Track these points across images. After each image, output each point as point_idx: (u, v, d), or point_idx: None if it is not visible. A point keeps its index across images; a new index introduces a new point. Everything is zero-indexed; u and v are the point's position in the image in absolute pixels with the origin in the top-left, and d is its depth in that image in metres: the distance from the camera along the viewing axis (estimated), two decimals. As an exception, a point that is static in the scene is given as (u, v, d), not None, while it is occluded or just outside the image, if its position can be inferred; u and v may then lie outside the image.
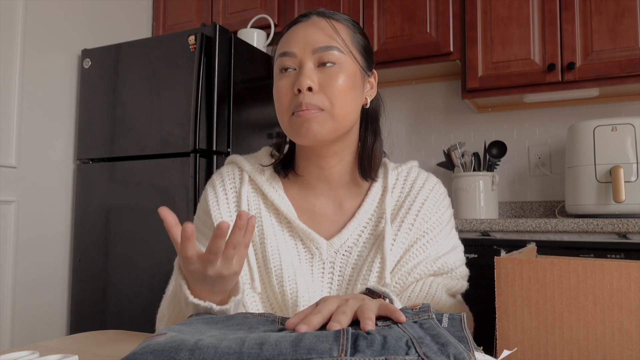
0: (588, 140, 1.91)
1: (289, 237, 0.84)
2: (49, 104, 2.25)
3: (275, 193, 0.85)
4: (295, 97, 0.76)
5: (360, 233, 0.83)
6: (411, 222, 0.82)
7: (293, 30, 0.81)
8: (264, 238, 0.82)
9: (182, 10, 2.71)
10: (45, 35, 2.23)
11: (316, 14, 0.81)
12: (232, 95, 2.08)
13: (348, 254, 0.82)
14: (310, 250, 0.82)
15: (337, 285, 0.81)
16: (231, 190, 0.86)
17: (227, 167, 0.90)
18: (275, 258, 0.81)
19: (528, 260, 0.55)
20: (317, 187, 0.86)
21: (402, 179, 0.87)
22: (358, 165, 0.86)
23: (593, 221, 1.68)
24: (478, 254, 1.78)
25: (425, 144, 2.59)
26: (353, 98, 0.80)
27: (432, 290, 0.78)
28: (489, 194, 2.19)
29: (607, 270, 0.51)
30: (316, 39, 0.78)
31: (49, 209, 2.24)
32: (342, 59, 0.78)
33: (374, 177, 0.86)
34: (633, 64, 1.91)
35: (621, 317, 0.51)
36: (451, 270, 0.82)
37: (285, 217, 0.84)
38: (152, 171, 2.10)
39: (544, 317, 0.54)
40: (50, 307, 2.23)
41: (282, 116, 0.79)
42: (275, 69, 0.82)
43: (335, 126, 0.78)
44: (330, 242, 0.82)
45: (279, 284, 0.79)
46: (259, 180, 0.86)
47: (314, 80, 0.76)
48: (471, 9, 2.17)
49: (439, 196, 0.87)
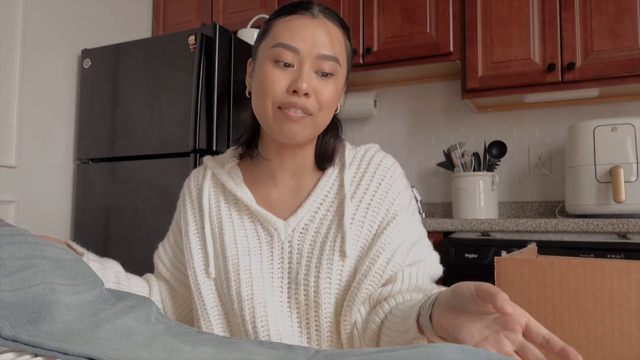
0: (588, 140, 1.91)
1: (249, 223, 0.87)
2: (49, 104, 2.25)
3: (234, 183, 0.89)
4: (287, 95, 0.76)
5: (317, 210, 0.85)
6: (368, 201, 0.83)
7: (300, 22, 0.79)
8: (222, 229, 0.86)
9: (182, 10, 2.71)
10: (45, 35, 2.23)
11: (322, 12, 0.80)
12: (232, 95, 2.08)
13: (305, 232, 0.84)
14: (269, 232, 0.85)
15: (296, 263, 0.82)
16: (195, 187, 0.93)
17: (196, 168, 0.98)
18: (232, 248, 0.84)
19: (528, 260, 0.55)
20: (278, 176, 0.88)
21: (360, 157, 0.89)
22: (316, 157, 0.88)
23: (593, 221, 1.68)
24: (478, 254, 1.78)
25: (425, 144, 2.59)
26: (334, 106, 0.83)
27: (419, 283, 0.78)
28: (489, 194, 2.19)
29: (607, 270, 0.51)
30: (322, 44, 0.78)
31: (49, 209, 2.24)
32: (337, 70, 0.79)
33: (330, 165, 0.88)
34: (633, 64, 1.91)
35: (621, 317, 0.51)
36: (424, 258, 0.83)
37: (244, 204, 0.87)
38: (152, 171, 2.10)
39: (544, 317, 0.54)
40: (50, 307, 2.23)
41: (266, 106, 0.78)
42: (267, 54, 0.79)
43: (314, 131, 0.81)
44: (287, 221, 0.84)
45: (234, 272, 0.83)
46: (219, 173, 0.91)
47: (312, 86, 0.77)
48: (471, 9, 2.17)
49: (396, 176, 0.87)
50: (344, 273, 0.80)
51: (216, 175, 0.92)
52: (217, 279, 0.85)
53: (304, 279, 0.81)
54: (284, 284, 0.83)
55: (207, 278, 0.86)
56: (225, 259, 0.84)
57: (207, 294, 0.85)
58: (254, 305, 0.81)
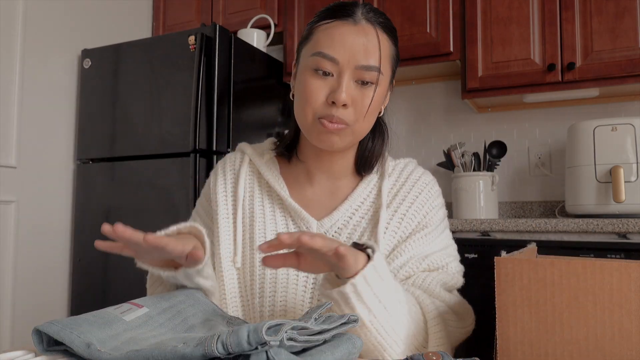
0: (588, 140, 1.91)
1: (280, 214, 0.85)
2: (49, 104, 2.25)
3: (271, 173, 0.88)
4: (326, 105, 0.76)
5: (352, 215, 0.84)
6: (404, 212, 0.83)
7: (340, 31, 0.76)
8: (253, 219, 0.85)
9: (182, 10, 2.71)
10: (45, 35, 2.23)
11: (365, 17, 0.77)
12: (232, 95, 2.08)
13: (338, 235, 0.83)
14: (301, 229, 0.84)
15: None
16: (230, 172, 0.90)
17: (232, 153, 0.95)
18: (261, 240, 0.83)
19: (528, 260, 0.55)
20: (315, 177, 0.87)
21: (399, 169, 0.89)
22: (356, 161, 0.87)
23: (593, 221, 1.68)
24: (478, 254, 1.78)
25: (425, 144, 2.59)
26: (376, 114, 0.81)
27: (425, 284, 0.78)
28: (489, 194, 2.19)
29: (607, 270, 0.51)
30: (362, 54, 0.75)
31: (49, 209, 2.24)
32: (379, 79, 0.77)
33: (370, 172, 0.87)
34: (633, 64, 1.91)
35: (621, 317, 0.51)
36: (442, 266, 0.82)
37: (277, 195, 0.86)
38: (152, 171, 2.10)
39: (544, 317, 0.54)
40: (50, 307, 2.23)
41: (306, 116, 0.78)
42: (308, 62, 0.78)
43: (354, 140, 0.81)
44: (321, 222, 0.83)
45: (260, 266, 0.81)
46: (257, 162, 0.90)
47: (350, 96, 0.76)
48: (471, 9, 2.17)
49: (433, 193, 0.88)
50: None
51: (254, 163, 0.90)
52: (241, 270, 0.84)
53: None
54: (309, 284, 0.82)
55: (233, 267, 0.84)
56: (252, 251, 0.83)
57: (229, 283, 0.83)
58: (275, 302, 0.80)
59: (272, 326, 0.48)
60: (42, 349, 0.55)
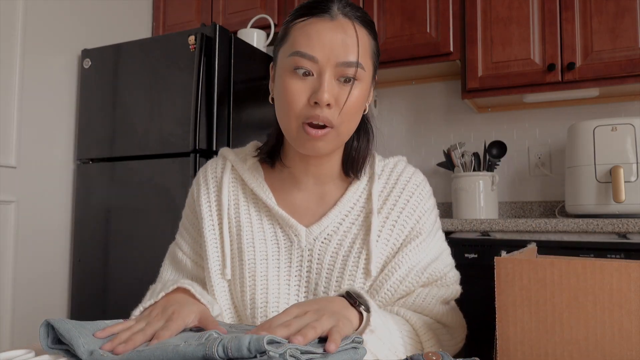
0: (588, 140, 1.91)
1: (268, 222, 0.83)
2: (49, 104, 2.25)
3: (255, 181, 0.84)
4: (309, 107, 0.72)
5: (341, 221, 0.82)
6: (395, 218, 0.81)
7: (317, 28, 0.73)
8: (240, 229, 0.82)
9: (182, 10, 2.71)
10: (45, 35, 2.23)
11: (342, 12, 0.74)
12: (232, 95, 2.08)
13: (327, 242, 0.81)
14: (289, 237, 0.81)
15: (316, 274, 0.80)
16: (212, 180, 0.87)
17: (214, 159, 0.91)
18: (250, 251, 0.81)
19: (528, 260, 0.55)
20: (302, 182, 0.84)
21: (389, 169, 0.86)
22: (343, 163, 0.85)
23: (593, 221, 1.68)
24: (478, 254, 1.78)
25: (425, 144, 2.59)
26: (360, 112, 0.78)
27: (425, 303, 0.77)
28: (489, 194, 2.19)
29: (607, 270, 0.51)
30: (342, 50, 0.72)
31: (49, 209, 2.24)
32: (361, 74, 0.74)
33: (359, 175, 0.84)
34: (633, 64, 1.91)
35: (621, 317, 0.51)
36: (441, 277, 0.81)
37: (264, 204, 0.83)
38: (152, 171, 2.10)
39: (544, 317, 0.54)
40: (50, 307, 2.23)
41: (290, 122, 0.74)
42: (286, 62, 0.75)
43: (340, 142, 0.78)
44: (310, 229, 0.81)
45: (250, 277, 0.80)
46: (240, 168, 0.86)
47: (333, 95, 0.72)
48: (471, 9, 2.17)
49: (424, 195, 0.85)
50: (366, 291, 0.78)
51: (236, 170, 0.87)
52: (231, 281, 0.82)
53: (323, 292, 0.79)
54: (301, 292, 0.80)
55: (222, 279, 0.82)
56: (241, 262, 0.81)
57: (221, 295, 0.82)
58: (267, 313, 0.78)
59: (274, 341, 0.48)
60: (46, 344, 0.56)
